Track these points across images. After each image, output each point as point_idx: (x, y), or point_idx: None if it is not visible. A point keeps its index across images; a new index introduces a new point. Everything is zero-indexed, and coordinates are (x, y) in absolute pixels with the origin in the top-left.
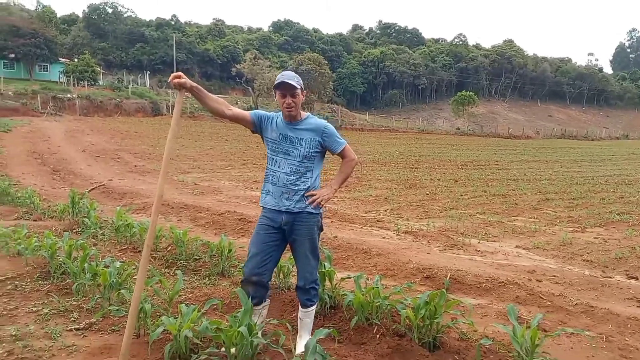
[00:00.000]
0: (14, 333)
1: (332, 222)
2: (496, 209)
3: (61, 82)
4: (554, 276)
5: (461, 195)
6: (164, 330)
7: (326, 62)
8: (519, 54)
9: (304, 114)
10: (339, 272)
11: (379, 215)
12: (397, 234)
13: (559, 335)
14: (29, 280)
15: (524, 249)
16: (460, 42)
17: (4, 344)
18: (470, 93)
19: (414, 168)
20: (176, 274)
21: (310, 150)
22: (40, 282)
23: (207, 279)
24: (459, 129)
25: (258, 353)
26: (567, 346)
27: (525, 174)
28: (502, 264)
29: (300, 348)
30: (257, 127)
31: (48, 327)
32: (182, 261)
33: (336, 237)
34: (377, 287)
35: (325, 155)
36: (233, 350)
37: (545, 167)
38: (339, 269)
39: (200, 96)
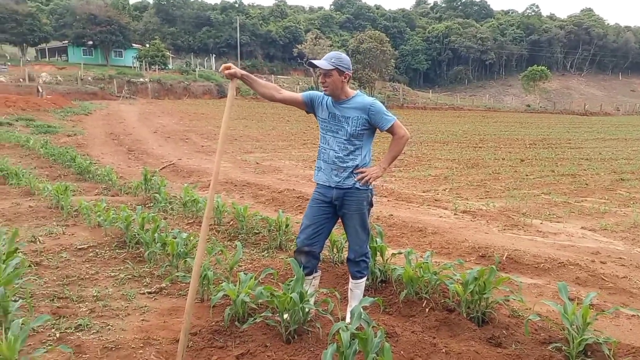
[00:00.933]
0: (95, 294)
1: (388, 201)
2: (564, 189)
3: (134, 67)
4: (620, 258)
5: (526, 175)
6: (224, 295)
7: (388, 39)
8: (598, 24)
9: (352, 92)
10: (393, 250)
11: (437, 194)
12: (455, 214)
13: (611, 314)
14: (107, 248)
15: (590, 230)
16: (533, 13)
17: (87, 303)
18: (543, 67)
19: (477, 147)
20: (236, 246)
21: (357, 129)
22: (117, 250)
23: (265, 251)
24: (529, 106)
25: (309, 320)
26: (627, 327)
27: (600, 153)
28: (564, 245)
29: (350, 317)
30: (309, 107)
31: (124, 289)
32: (242, 235)
33: (392, 215)
34: (427, 263)
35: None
36: (286, 315)
37: (624, 145)
38: (392, 247)
39: (250, 83)
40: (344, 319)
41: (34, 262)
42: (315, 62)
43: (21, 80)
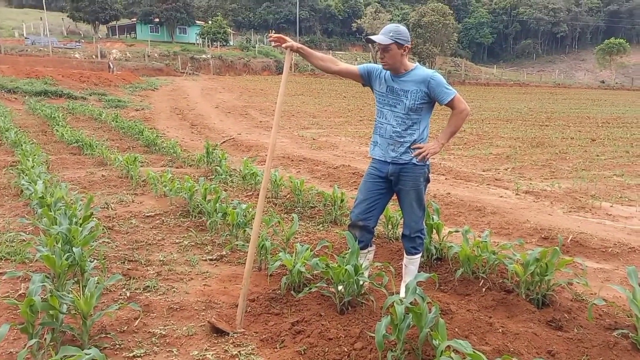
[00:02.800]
0: (161, 259)
1: (445, 179)
2: (639, 171)
3: (197, 44)
4: None
5: (597, 156)
6: (281, 264)
7: (451, 12)
8: None
9: (411, 65)
10: (449, 228)
11: (498, 174)
12: (517, 194)
13: None
14: (172, 216)
15: None
16: None
17: (154, 266)
18: (621, 40)
19: (543, 125)
20: (293, 218)
21: (416, 102)
22: (181, 218)
23: (320, 225)
24: (603, 82)
25: (363, 292)
26: None
27: None
28: (636, 230)
29: (403, 291)
30: (366, 80)
31: (187, 255)
32: (299, 208)
33: (449, 193)
34: (485, 242)
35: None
36: (340, 287)
37: None
38: (449, 225)
39: (306, 56)
40: (397, 293)
41: (107, 226)
42: (372, 37)
43: (94, 56)
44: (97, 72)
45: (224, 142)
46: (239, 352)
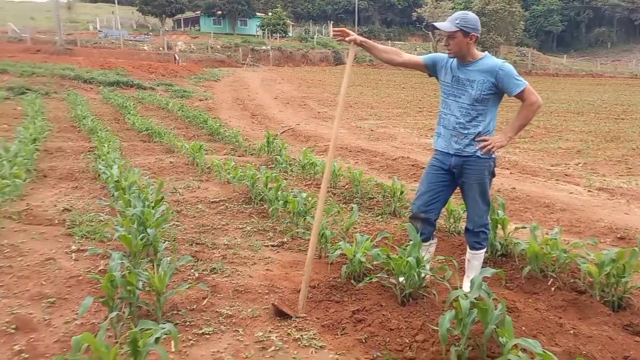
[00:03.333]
0: (226, 243)
1: (510, 173)
2: None
3: (257, 36)
4: None
5: None
6: (341, 253)
7: None
8: None
9: (479, 54)
10: (515, 223)
11: (568, 169)
12: (589, 190)
13: None
14: (235, 203)
15: None
16: None
17: (219, 250)
18: None
19: (618, 119)
20: (352, 209)
21: (482, 93)
22: (244, 205)
23: (379, 216)
24: None
25: (424, 285)
26: None
27: None
28: None
29: (466, 286)
30: (431, 70)
31: (250, 241)
32: (357, 199)
33: (514, 188)
34: (555, 239)
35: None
36: (402, 278)
37: None
38: (514, 221)
39: (369, 49)
40: (460, 288)
41: (176, 210)
42: (437, 24)
43: (161, 48)
44: (164, 64)
45: (284, 132)
46: (301, 336)
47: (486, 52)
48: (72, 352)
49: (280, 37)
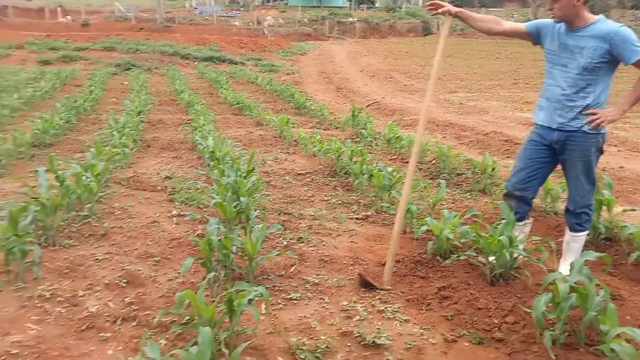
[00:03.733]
0: (312, 214)
1: (618, 150)
2: None
3: (345, 7)
4: None
5: None
6: (427, 229)
7: None
8: None
9: (591, 17)
10: (622, 205)
11: None
12: None
13: None
14: (321, 175)
15: None
16: None
17: (305, 220)
18: None
19: None
20: (438, 185)
21: (593, 61)
22: (329, 178)
23: (468, 193)
24: None
25: (516, 266)
26: None
27: None
28: None
29: (563, 270)
30: (535, 38)
31: (335, 213)
32: (444, 174)
33: (622, 167)
34: None
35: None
36: (492, 258)
37: None
38: (622, 203)
39: (465, 19)
40: (555, 271)
41: (265, 181)
42: None
43: (250, 23)
44: (253, 39)
45: (369, 105)
46: (386, 308)
47: (600, 16)
48: (176, 307)
49: (367, 7)
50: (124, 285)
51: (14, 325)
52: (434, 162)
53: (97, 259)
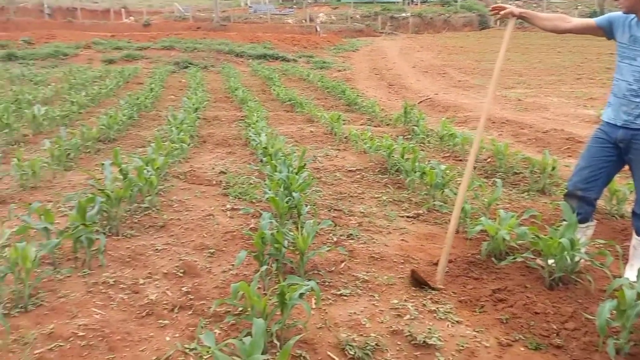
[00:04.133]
0: (362, 210)
1: None
2: None
3: (397, 2)
4: None
5: None
6: (482, 229)
7: None
8: None
9: None
10: None
11: None
12: None
13: None
14: (371, 172)
15: None
16: None
17: (355, 217)
18: None
19: None
20: (494, 184)
21: None
22: (379, 175)
23: (525, 193)
24: None
25: (577, 270)
26: None
27: None
28: None
29: (630, 275)
30: (608, 32)
31: (386, 210)
32: (500, 173)
33: None
34: None
35: None
36: (551, 261)
37: None
38: None
39: (530, 19)
40: (620, 277)
41: (315, 177)
42: None
43: (303, 21)
44: (306, 36)
45: (421, 101)
46: (437, 308)
47: None
48: (231, 297)
49: (421, 2)
50: (181, 275)
51: (80, 309)
52: (489, 160)
53: (157, 249)
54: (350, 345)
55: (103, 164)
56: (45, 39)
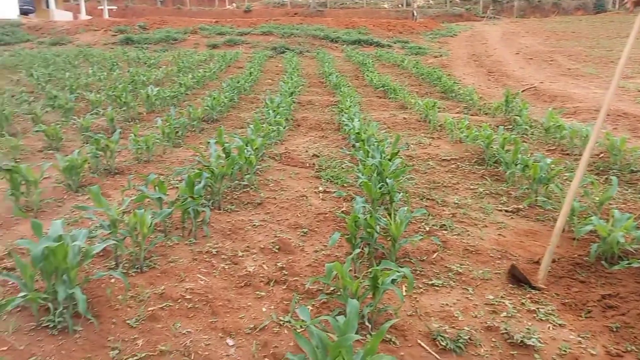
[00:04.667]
0: (456, 201)
1: None
2: None
3: None
4: None
5: None
6: (592, 230)
7: None
8: None
9: None
10: None
11: None
12: None
13: None
14: (467, 162)
15: None
16: None
17: (449, 208)
18: None
19: None
20: (606, 181)
21: None
22: (476, 166)
23: None
24: None
25: None
26: None
27: None
28: None
29: None
30: None
31: (482, 203)
32: (614, 170)
33: None
34: None
35: None
36: None
37: None
38: None
39: None
40: None
41: (407, 165)
42: None
43: (400, 5)
44: (402, 21)
45: (525, 90)
46: (537, 309)
47: None
48: (325, 277)
49: None
50: (276, 251)
51: (187, 274)
52: (602, 155)
53: (254, 225)
54: (441, 336)
55: (209, 142)
56: (158, 24)
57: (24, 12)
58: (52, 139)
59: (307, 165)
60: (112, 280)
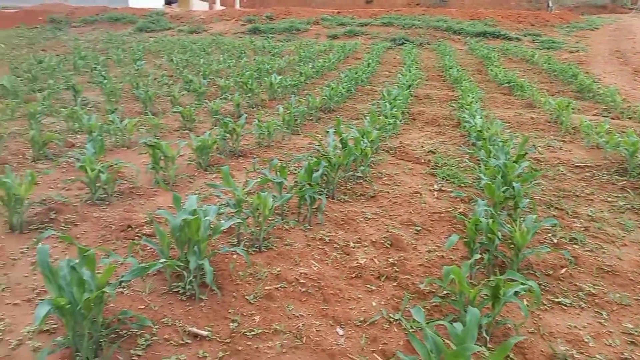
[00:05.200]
0: (589, 214)
1: None
2: None
3: None
4: None
5: None
6: None
7: None
8: None
9: None
10: None
11: None
12: None
13: None
14: (605, 171)
15: None
16: None
17: (581, 220)
18: None
19: None
20: None
21: None
22: (616, 176)
23: None
24: None
25: None
26: None
27: None
28: None
29: None
30: None
31: (621, 218)
32: None
33: None
34: None
35: None
36: None
37: None
38: None
39: None
40: None
41: (534, 169)
42: None
43: None
44: (534, 12)
45: None
46: None
47: None
48: (443, 280)
49: None
50: (388, 246)
51: (302, 258)
52: None
53: (366, 217)
54: None
55: (328, 131)
56: (283, 14)
57: (167, 2)
58: (187, 120)
59: (422, 161)
60: (234, 256)
